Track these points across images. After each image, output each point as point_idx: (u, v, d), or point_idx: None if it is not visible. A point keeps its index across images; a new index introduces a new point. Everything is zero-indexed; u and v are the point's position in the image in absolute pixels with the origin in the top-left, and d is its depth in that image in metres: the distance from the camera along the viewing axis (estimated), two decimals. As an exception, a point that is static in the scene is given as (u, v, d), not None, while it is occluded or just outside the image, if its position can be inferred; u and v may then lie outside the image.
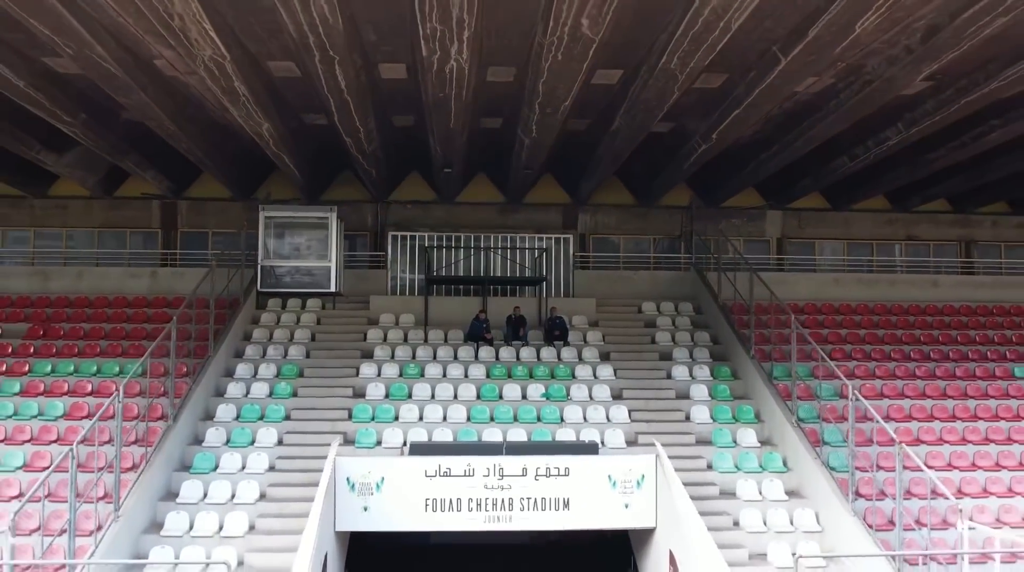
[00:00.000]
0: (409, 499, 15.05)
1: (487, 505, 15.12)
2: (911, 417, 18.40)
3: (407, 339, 21.36)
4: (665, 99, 16.15)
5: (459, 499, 15.08)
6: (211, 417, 17.95)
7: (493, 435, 17.46)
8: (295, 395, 18.80)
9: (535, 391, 19.14)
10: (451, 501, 15.08)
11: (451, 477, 15.14)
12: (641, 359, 20.96)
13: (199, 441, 17.20)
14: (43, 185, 24.53)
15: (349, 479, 14.98)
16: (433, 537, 19.58)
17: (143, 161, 21.36)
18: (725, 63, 15.24)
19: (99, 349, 19.87)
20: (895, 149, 19.60)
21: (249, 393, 18.74)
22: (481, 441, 17.19)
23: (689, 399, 19.17)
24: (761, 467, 17.01)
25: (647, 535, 15.73)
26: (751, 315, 20.30)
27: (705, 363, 20.50)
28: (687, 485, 14.79)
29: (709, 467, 17.03)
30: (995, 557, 11.50)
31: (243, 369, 19.59)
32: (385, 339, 21.34)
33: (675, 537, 14.35)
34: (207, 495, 15.57)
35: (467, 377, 19.70)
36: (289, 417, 18.06)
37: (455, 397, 18.90)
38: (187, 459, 16.65)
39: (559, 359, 20.68)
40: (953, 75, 15.82)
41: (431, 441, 17.14)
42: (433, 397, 18.85)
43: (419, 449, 16.02)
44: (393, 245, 24.41)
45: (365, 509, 15.00)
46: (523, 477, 15.21)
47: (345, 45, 13.62)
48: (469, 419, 18.11)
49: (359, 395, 18.96)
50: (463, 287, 24.07)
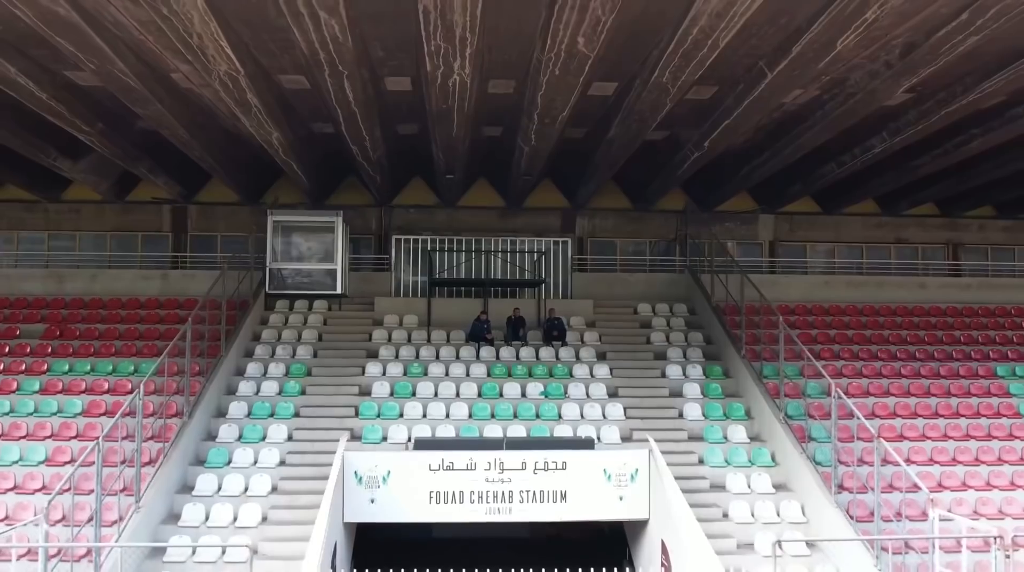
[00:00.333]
0: (414, 492, 15.82)
1: (488, 497, 15.90)
2: (895, 414, 19.12)
3: (411, 339, 22.03)
4: (658, 110, 16.84)
5: (461, 492, 15.85)
6: (224, 414, 18.67)
7: (494, 431, 18.14)
8: (303, 393, 19.50)
9: (534, 389, 19.82)
10: (454, 494, 15.84)
11: (454, 471, 15.90)
12: (636, 358, 21.63)
13: (212, 437, 17.94)
14: (56, 190, 25.17)
15: (357, 473, 15.75)
16: (435, 531, 20.32)
17: (155, 167, 22.05)
18: (715, 76, 15.94)
19: (114, 349, 20.58)
20: (881, 156, 20.26)
21: (259, 391, 19.47)
22: (482, 437, 17.88)
23: (682, 397, 19.87)
24: (750, 462, 17.74)
25: (641, 526, 16.48)
26: (742, 316, 20.96)
27: (698, 362, 21.19)
28: (679, 479, 15.61)
29: (700, 462, 17.75)
30: (962, 543, 12.27)
31: (253, 368, 20.30)
32: (390, 339, 22.02)
33: (667, 528, 15.10)
34: (221, 488, 16.33)
35: (469, 376, 20.38)
36: (298, 414, 18.79)
37: (457, 395, 19.58)
38: (201, 454, 17.39)
39: (557, 358, 21.35)
40: (933, 87, 16.52)
41: (435, 437, 17.83)
42: (436, 395, 19.54)
43: (423, 444, 16.75)
44: (397, 248, 24.99)
45: (372, 501, 15.79)
46: (522, 471, 15.98)
47: (354, 60, 14.33)
48: (471, 416, 18.83)
49: (365, 393, 19.65)
50: (465, 289, 24.59)
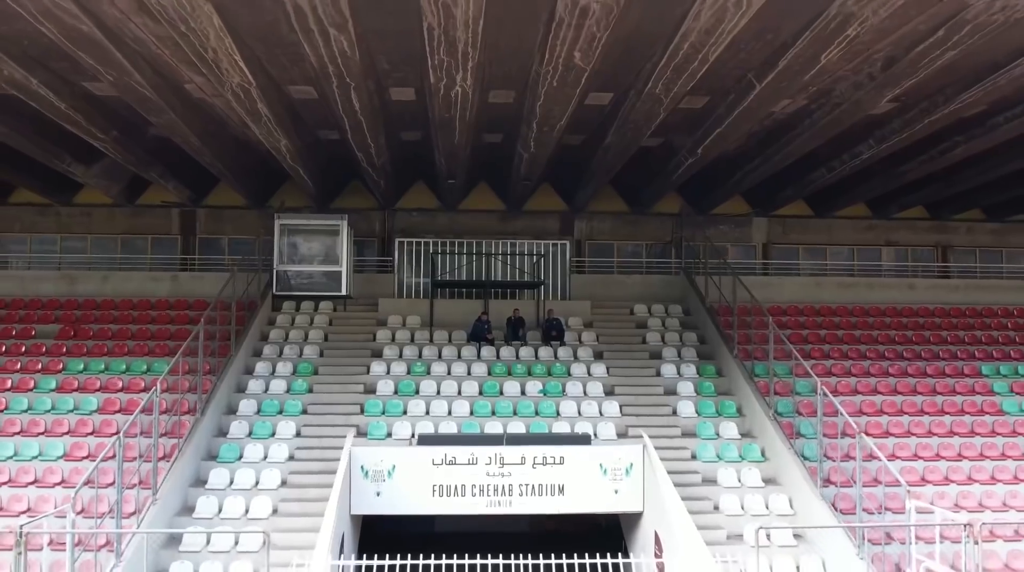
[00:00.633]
0: (418, 485, 16.49)
1: (489, 491, 16.57)
2: (882, 412, 19.78)
3: (414, 339, 22.69)
4: (652, 119, 17.54)
5: (463, 485, 16.53)
6: (234, 411, 19.35)
7: (494, 427, 18.81)
8: (311, 391, 20.15)
9: (533, 387, 20.47)
10: (456, 487, 16.52)
11: (456, 465, 16.57)
12: (632, 358, 22.26)
13: (224, 433, 18.61)
14: (68, 194, 25.89)
15: (363, 467, 16.42)
16: (437, 526, 20.96)
17: (166, 172, 22.74)
18: (706, 87, 16.63)
19: (127, 348, 21.25)
20: (869, 162, 20.96)
21: (268, 389, 20.15)
22: (483, 433, 18.53)
23: (676, 395, 20.53)
24: (741, 457, 18.42)
25: (635, 519, 17.15)
26: (734, 317, 21.62)
27: (692, 361, 21.85)
28: (673, 473, 16.27)
29: (693, 457, 18.42)
30: (936, 531, 12.96)
31: (262, 367, 20.96)
32: (393, 339, 22.67)
33: (660, 520, 15.75)
34: (233, 482, 17.02)
35: (470, 374, 21.05)
36: (306, 411, 19.46)
37: (459, 393, 20.24)
38: (213, 449, 18.06)
39: (556, 358, 22.02)
40: (915, 97, 17.21)
41: (437, 433, 18.52)
42: (439, 393, 20.20)
43: (427, 440, 17.43)
44: (400, 251, 25.58)
45: (378, 494, 16.46)
46: (522, 465, 16.65)
47: (361, 73, 15.02)
48: (472, 413, 19.51)
49: (370, 391, 20.32)
50: (466, 290, 25.15)
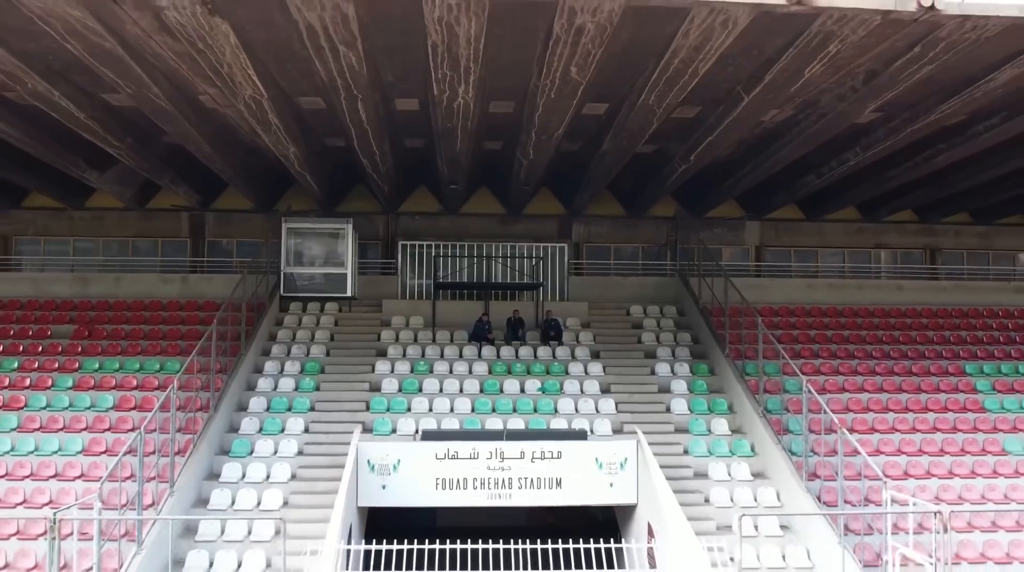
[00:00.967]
0: (422, 478, 17.26)
1: (490, 484, 17.34)
2: (868, 409, 20.53)
3: (417, 339, 23.40)
4: (646, 128, 18.29)
5: (465, 478, 17.29)
6: (245, 408, 20.09)
7: (495, 423, 19.56)
8: (318, 389, 20.89)
9: (532, 385, 21.20)
10: (458, 480, 17.28)
11: (458, 459, 17.33)
12: (628, 357, 22.97)
13: (235, 429, 19.37)
14: (81, 198, 26.62)
15: (370, 461, 17.19)
16: (440, 520, 21.69)
17: (177, 177, 23.49)
18: (697, 99, 17.35)
19: (140, 348, 22.00)
20: (856, 168, 21.66)
21: (277, 387, 20.89)
22: (484, 428, 19.31)
23: (670, 393, 21.28)
24: (731, 452, 19.18)
25: (630, 511, 17.93)
26: (726, 317, 22.36)
27: (685, 361, 22.58)
28: (665, 467, 17.07)
29: (685, 452, 19.18)
30: (909, 518, 13.73)
31: (271, 366, 21.70)
32: (397, 339, 23.39)
33: (653, 511, 16.52)
34: (245, 475, 17.78)
35: (471, 373, 21.77)
36: (313, 408, 20.19)
37: (461, 391, 20.98)
38: (226, 445, 18.81)
39: (554, 357, 22.74)
40: (898, 108, 17.92)
41: (440, 429, 19.25)
42: (441, 391, 20.94)
43: (430, 435, 18.19)
44: (403, 253, 26.28)
45: (384, 487, 17.23)
46: (521, 460, 17.42)
47: (367, 85, 15.76)
48: (473, 410, 20.24)
49: (375, 389, 21.06)
50: (467, 292, 25.84)
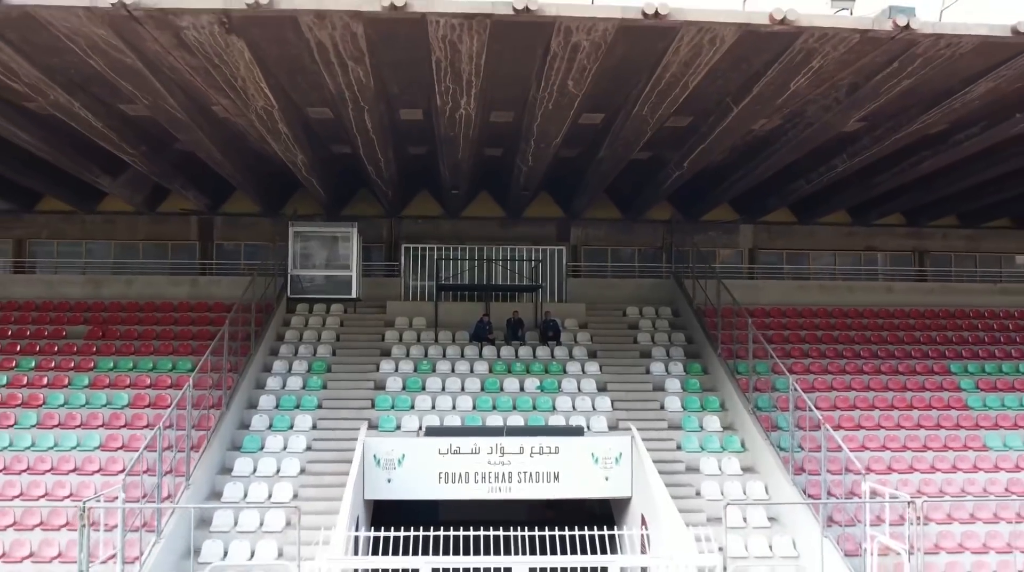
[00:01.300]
0: (425, 472, 18.03)
1: (490, 478, 18.11)
2: (855, 406, 21.27)
3: (420, 339, 24.13)
4: (641, 136, 19.05)
5: (467, 472, 18.07)
6: (255, 406, 20.84)
7: (495, 420, 20.30)
8: (325, 387, 21.64)
9: (531, 384, 21.92)
10: (460, 474, 18.06)
11: (460, 454, 18.10)
12: (624, 356, 23.68)
13: (246, 426, 20.13)
14: (92, 202, 27.31)
15: (375, 456, 17.97)
16: (442, 513, 22.43)
17: (187, 182, 24.22)
18: (689, 109, 18.08)
19: (153, 348, 22.74)
20: (844, 174, 22.39)
21: (285, 386, 21.64)
22: (485, 425, 20.07)
23: (664, 391, 22.00)
24: (722, 448, 19.93)
25: (624, 503, 18.70)
26: (718, 318, 23.11)
27: (679, 360, 23.31)
28: (659, 462, 17.86)
29: (678, 448, 19.93)
30: (886, 507, 14.49)
31: (279, 365, 22.43)
32: (401, 339, 24.10)
33: (647, 504, 17.32)
34: (257, 470, 18.52)
35: (472, 372, 22.50)
36: (321, 406, 20.93)
37: (462, 389, 21.71)
38: (237, 441, 19.56)
39: (552, 357, 23.46)
40: (882, 118, 18.67)
41: (443, 425, 20.00)
42: (444, 389, 21.67)
43: (433, 432, 18.96)
44: (406, 256, 26.96)
45: (389, 481, 18.03)
46: (520, 455, 18.19)
47: (373, 97, 16.52)
48: (475, 407, 20.96)
49: (380, 387, 21.79)
50: (468, 293, 26.51)
